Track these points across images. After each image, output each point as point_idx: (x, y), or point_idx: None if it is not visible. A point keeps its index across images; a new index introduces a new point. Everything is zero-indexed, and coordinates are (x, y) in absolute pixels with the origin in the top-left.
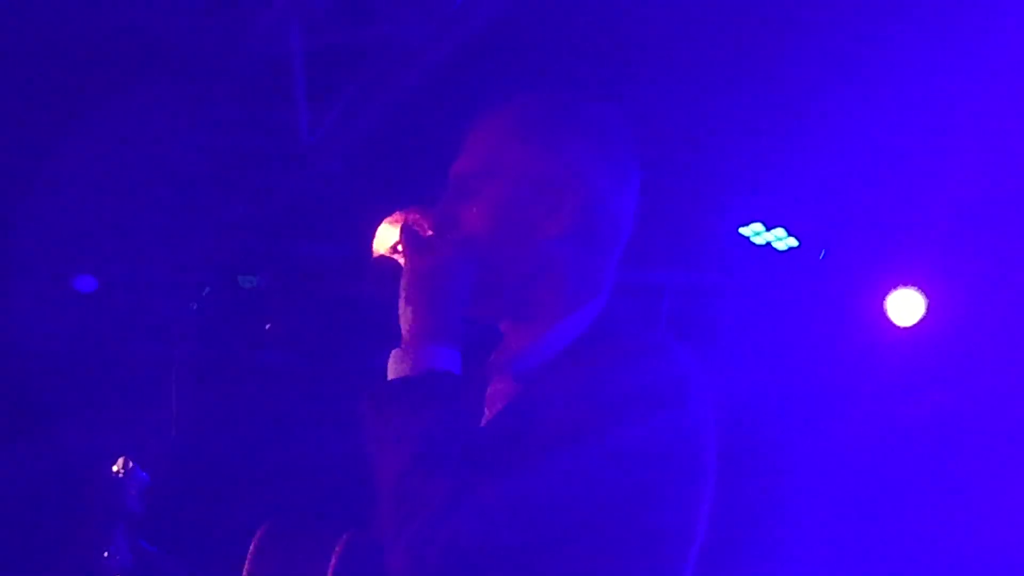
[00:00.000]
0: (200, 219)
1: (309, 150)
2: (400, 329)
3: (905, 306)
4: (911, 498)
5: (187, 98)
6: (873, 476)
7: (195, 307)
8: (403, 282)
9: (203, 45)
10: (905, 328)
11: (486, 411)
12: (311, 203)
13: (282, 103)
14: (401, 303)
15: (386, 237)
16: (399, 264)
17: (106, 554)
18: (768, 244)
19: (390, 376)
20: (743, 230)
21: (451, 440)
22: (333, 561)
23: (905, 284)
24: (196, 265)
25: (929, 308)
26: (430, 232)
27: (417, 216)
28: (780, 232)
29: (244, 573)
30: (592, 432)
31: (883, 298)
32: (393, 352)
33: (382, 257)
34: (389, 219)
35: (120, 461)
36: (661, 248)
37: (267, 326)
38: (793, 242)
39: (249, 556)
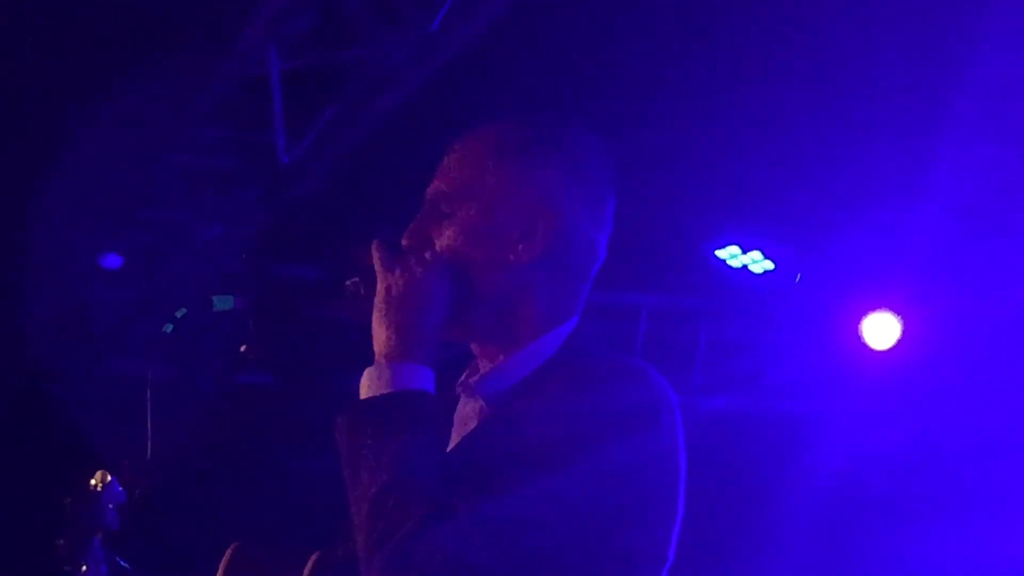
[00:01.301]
0: (177, 240)
1: (286, 171)
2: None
3: (881, 329)
4: (888, 517)
5: (164, 118)
6: (849, 497)
7: (170, 329)
8: (376, 300)
9: (181, 66)
10: (881, 351)
11: (455, 432)
12: (288, 224)
13: (259, 124)
14: (374, 321)
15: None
16: (373, 286)
17: (84, 568)
18: (744, 267)
19: (363, 395)
20: (719, 253)
21: (426, 460)
22: None
23: (880, 307)
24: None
25: (904, 331)
26: (403, 251)
27: (388, 237)
28: (756, 255)
29: None
30: (566, 453)
31: (859, 321)
32: (367, 371)
33: (356, 279)
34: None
35: (98, 475)
36: (638, 270)
37: (242, 348)
38: (769, 265)
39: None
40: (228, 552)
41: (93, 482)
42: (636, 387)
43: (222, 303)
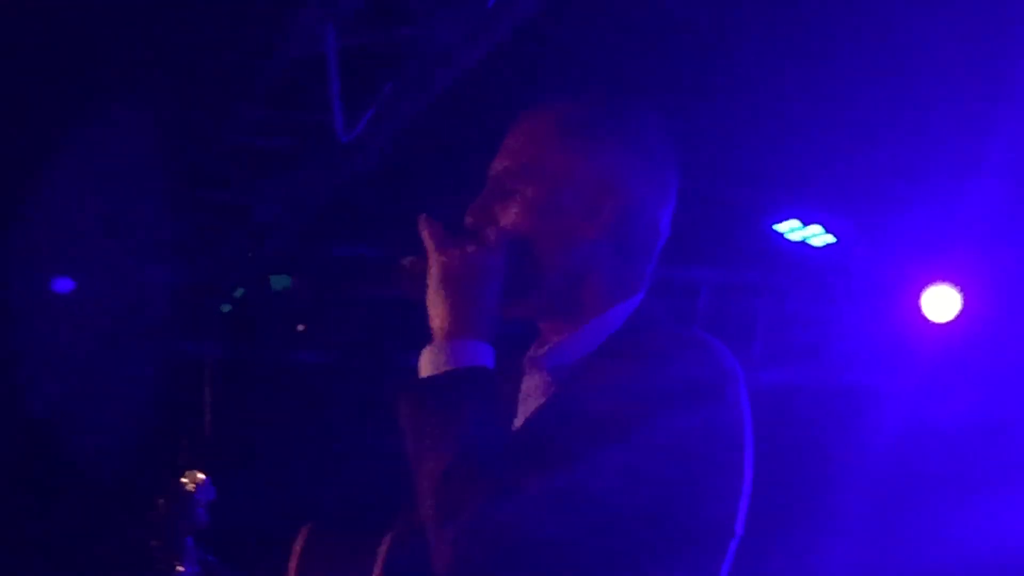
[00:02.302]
0: (235, 221)
1: (344, 151)
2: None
3: (941, 302)
4: (948, 490)
5: (221, 99)
6: (909, 470)
7: (227, 309)
8: (429, 278)
9: (238, 47)
10: (941, 324)
11: (520, 406)
12: (347, 204)
13: (317, 104)
14: (429, 300)
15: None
16: (426, 266)
17: (180, 568)
18: (804, 241)
19: (423, 373)
20: (779, 227)
21: (489, 436)
22: (379, 561)
23: (940, 280)
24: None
25: (964, 304)
26: (465, 228)
27: (442, 214)
28: (816, 229)
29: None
30: (632, 427)
31: (919, 294)
32: (425, 349)
33: (412, 257)
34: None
35: (189, 474)
36: (697, 246)
37: (300, 327)
38: (829, 238)
39: (292, 559)
40: (301, 534)
41: (185, 481)
42: (701, 360)
43: (279, 282)
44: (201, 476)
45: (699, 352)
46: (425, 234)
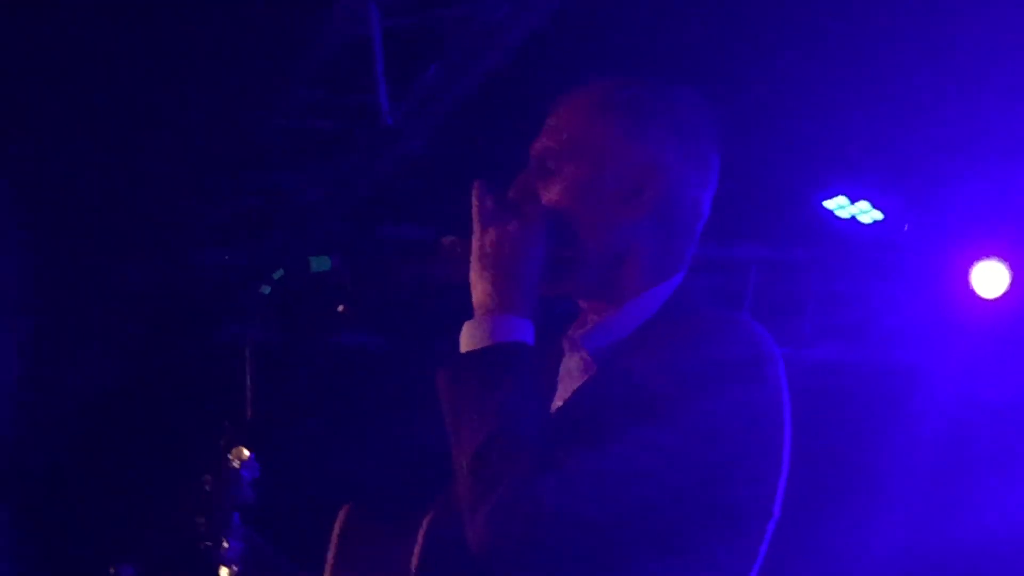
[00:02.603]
0: (282, 203)
1: (390, 132)
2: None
3: (990, 277)
4: (997, 466)
5: (267, 80)
6: (958, 446)
7: (267, 290)
8: (473, 253)
9: (283, 28)
10: (990, 299)
11: (560, 385)
12: (393, 186)
13: (362, 86)
14: (473, 274)
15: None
16: (468, 247)
17: (225, 545)
18: (853, 218)
19: (463, 348)
20: (827, 204)
21: (527, 412)
22: (419, 541)
23: (990, 256)
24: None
25: (1014, 279)
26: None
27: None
28: (864, 205)
29: (329, 556)
30: (670, 407)
31: (968, 270)
32: (466, 324)
33: (453, 238)
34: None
35: (235, 451)
36: (747, 224)
37: (340, 308)
38: (878, 215)
39: (333, 538)
40: (341, 514)
41: (231, 458)
42: (740, 341)
43: (319, 264)
44: (246, 453)
45: (738, 334)
46: (474, 205)
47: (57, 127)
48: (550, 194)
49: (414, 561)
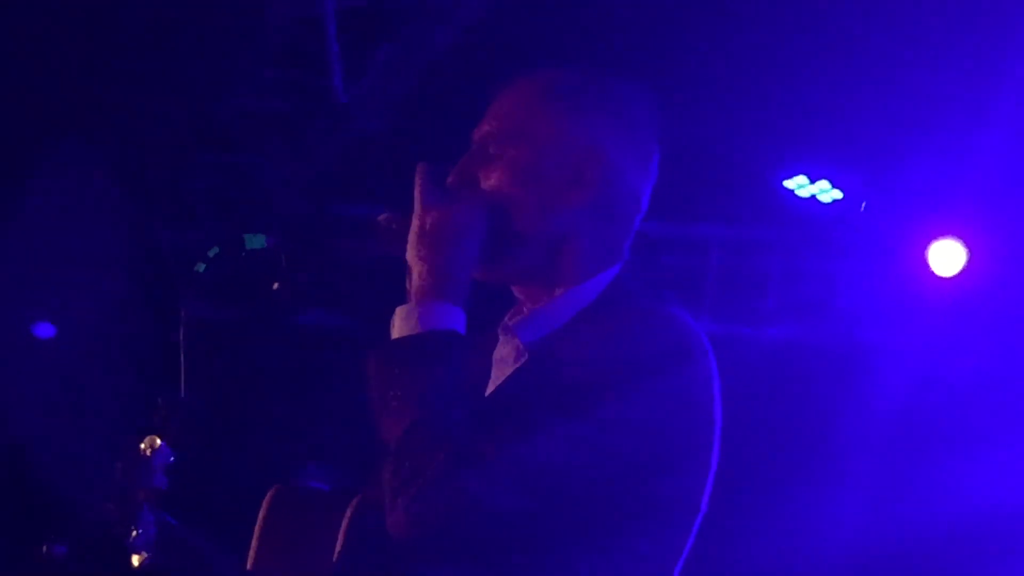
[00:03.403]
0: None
1: (345, 111)
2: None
3: (947, 256)
4: (954, 445)
5: (220, 60)
6: (915, 424)
7: (202, 268)
8: (412, 234)
9: (237, 8)
10: (947, 278)
11: (493, 372)
12: (349, 164)
13: (317, 65)
14: (409, 256)
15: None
16: (404, 223)
17: (135, 532)
18: (813, 197)
19: (394, 334)
20: (788, 183)
21: (453, 402)
22: (344, 524)
23: (946, 235)
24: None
25: (970, 258)
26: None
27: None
28: (824, 184)
29: (254, 537)
30: (595, 399)
31: (925, 248)
32: (398, 309)
33: (388, 215)
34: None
35: (147, 439)
36: (708, 203)
37: (274, 285)
38: (837, 194)
39: (259, 520)
40: (269, 495)
41: (143, 447)
42: (668, 335)
43: (254, 241)
44: (158, 441)
45: (667, 328)
46: (417, 186)
47: (10, 111)
48: (491, 179)
49: (337, 545)
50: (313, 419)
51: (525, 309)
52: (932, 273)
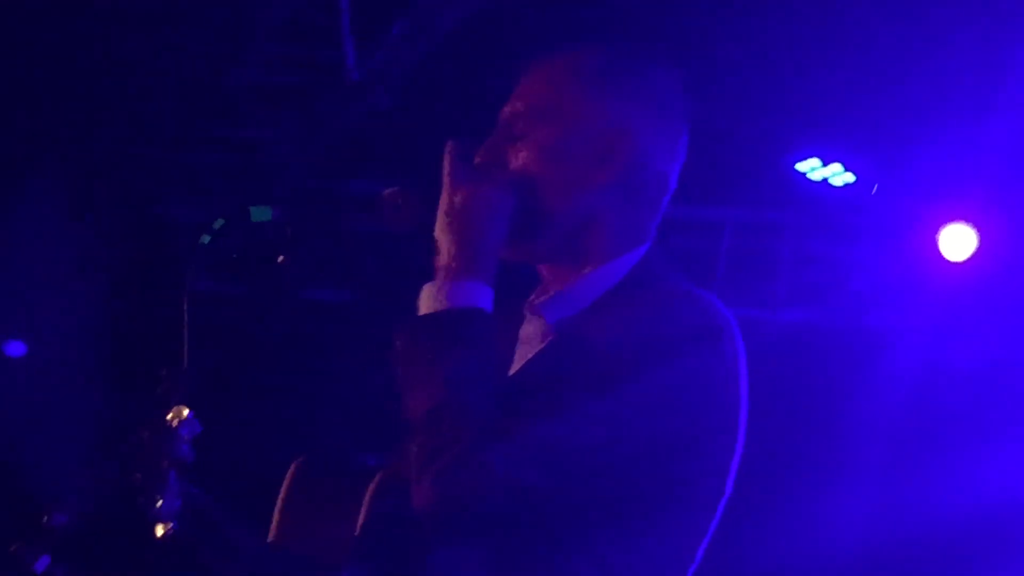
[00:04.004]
0: (249, 158)
1: (356, 88)
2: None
3: (957, 241)
4: (964, 429)
5: (231, 35)
6: (926, 408)
7: (207, 240)
8: (439, 212)
9: None
10: (957, 263)
11: (518, 351)
12: (359, 141)
13: (328, 41)
14: (437, 234)
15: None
16: (409, 199)
17: (159, 502)
18: (825, 180)
19: (421, 311)
20: (800, 166)
21: (480, 379)
22: (367, 498)
23: (957, 219)
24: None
25: (981, 242)
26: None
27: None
28: (837, 168)
29: (276, 511)
30: (622, 379)
31: (936, 233)
32: (425, 286)
33: (394, 189)
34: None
35: (175, 409)
36: (720, 186)
37: (280, 259)
38: (850, 177)
39: (281, 494)
40: (291, 469)
41: (169, 416)
42: (695, 315)
43: (260, 214)
44: (186, 411)
45: (694, 308)
46: (446, 164)
47: (20, 82)
48: (518, 159)
49: (360, 520)
50: (316, 394)
51: (551, 289)
52: (943, 258)
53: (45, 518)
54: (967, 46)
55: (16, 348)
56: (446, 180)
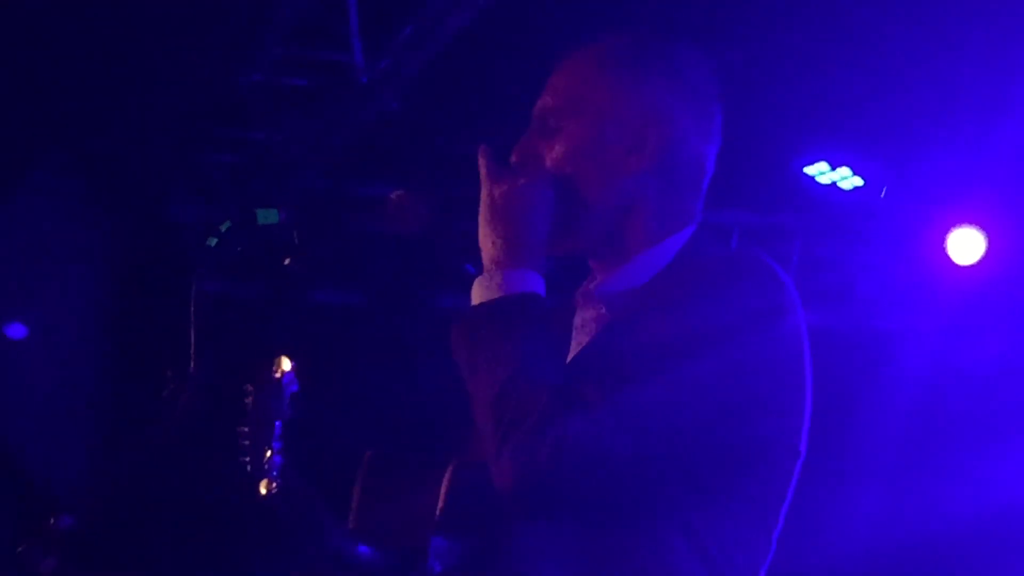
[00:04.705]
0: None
1: (365, 90)
2: (482, 258)
3: (966, 244)
4: (972, 433)
5: (241, 37)
6: (934, 412)
7: (214, 242)
8: (480, 211)
9: None
10: (966, 266)
11: (575, 339)
12: (368, 143)
13: (337, 43)
14: (480, 232)
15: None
16: (416, 202)
17: (268, 453)
18: (833, 184)
19: (474, 301)
20: (808, 170)
21: (543, 357)
22: (444, 488)
23: (966, 223)
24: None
25: (989, 246)
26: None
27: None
28: (845, 171)
29: (353, 502)
30: (693, 344)
31: (944, 236)
32: (476, 280)
33: (400, 192)
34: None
35: (278, 361)
36: (728, 190)
37: (286, 261)
38: (858, 181)
39: (356, 485)
40: (364, 461)
41: (274, 371)
42: (759, 277)
43: (267, 216)
44: (288, 364)
45: (757, 271)
46: (481, 165)
47: (31, 85)
48: (553, 153)
49: (439, 506)
50: (323, 396)
51: (600, 277)
52: (951, 261)
53: (52, 520)
54: (975, 50)
55: (17, 330)
56: (484, 179)
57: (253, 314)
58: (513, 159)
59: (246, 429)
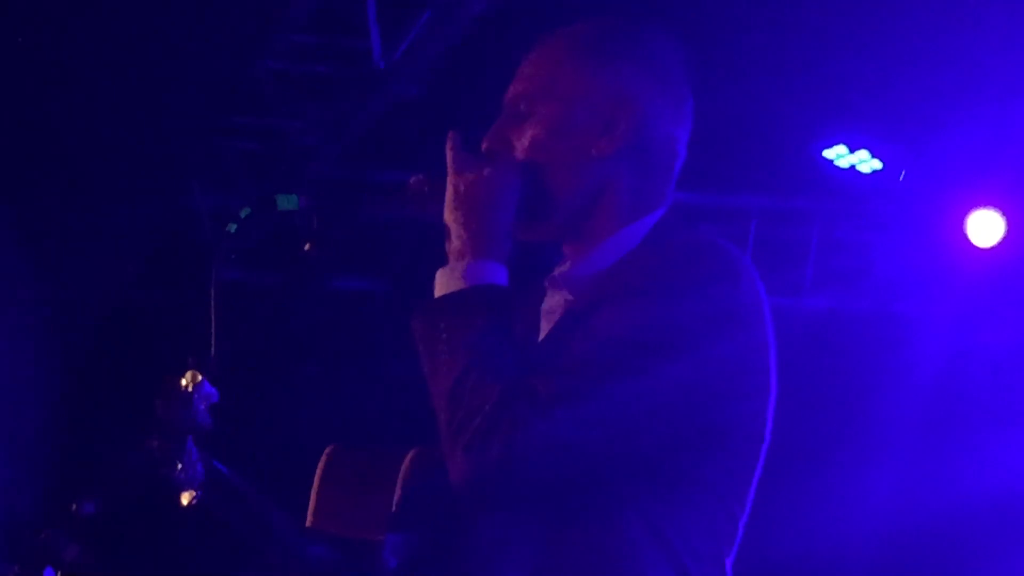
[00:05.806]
0: (275, 146)
1: (382, 77)
2: (446, 248)
3: (985, 227)
4: (990, 415)
5: (258, 24)
6: (952, 394)
7: (234, 228)
8: (448, 199)
9: None
10: (985, 248)
11: (543, 324)
12: (386, 130)
13: (355, 30)
14: (446, 220)
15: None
16: (437, 186)
17: (179, 467)
18: (852, 167)
19: (437, 293)
20: (827, 153)
21: (503, 349)
22: (401, 476)
23: (985, 205)
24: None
25: (1008, 228)
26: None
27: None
28: (864, 154)
29: (312, 495)
30: (652, 329)
31: (963, 219)
32: (440, 271)
33: (420, 176)
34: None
35: (188, 375)
36: (748, 173)
37: (306, 247)
38: (877, 164)
39: (316, 478)
40: (325, 453)
41: (183, 382)
42: (713, 259)
43: (287, 203)
44: (199, 377)
45: (711, 253)
46: (448, 153)
47: (52, 73)
48: (524, 138)
49: (395, 499)
50: (343, 383)
51: (570, 261)
52: (970, 244)
53: (74, 506)
54: (994, 31)
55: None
56: (449, 168)
57: (272, 300)
58: (484, 147)
59: (155, 443)
